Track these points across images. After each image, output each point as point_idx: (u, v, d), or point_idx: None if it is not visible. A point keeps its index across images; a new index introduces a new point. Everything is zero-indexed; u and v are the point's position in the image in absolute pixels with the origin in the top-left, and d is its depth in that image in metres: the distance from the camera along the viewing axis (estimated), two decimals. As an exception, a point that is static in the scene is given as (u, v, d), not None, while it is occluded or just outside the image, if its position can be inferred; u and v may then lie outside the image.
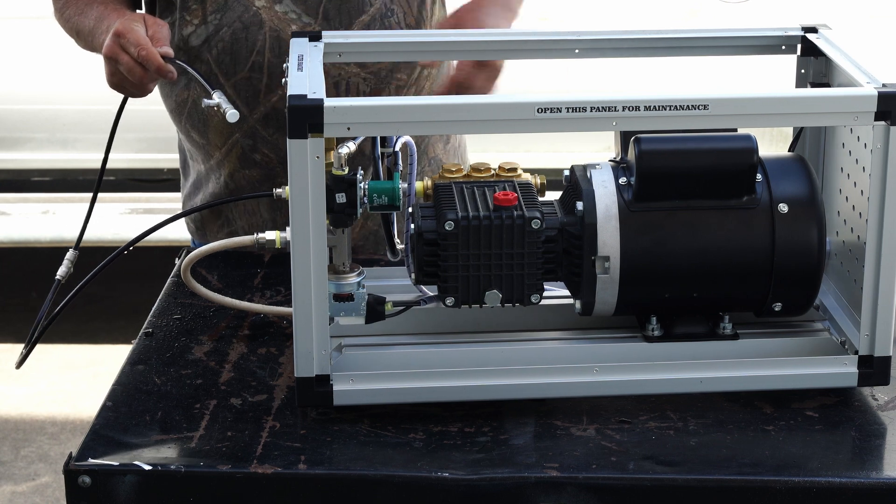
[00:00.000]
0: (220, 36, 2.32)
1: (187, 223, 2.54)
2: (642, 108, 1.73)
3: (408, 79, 2.36)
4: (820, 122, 1.92)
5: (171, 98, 2.42)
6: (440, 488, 1.68)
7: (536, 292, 1.82)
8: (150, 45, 2.11)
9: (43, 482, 3.94)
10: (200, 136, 2.41)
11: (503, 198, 1.79)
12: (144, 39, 2.11)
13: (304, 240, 1.73)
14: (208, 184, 2.45)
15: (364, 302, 1.84)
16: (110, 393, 1.88)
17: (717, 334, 1.89)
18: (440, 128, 1.87)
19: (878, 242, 1.79)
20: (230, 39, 2.32)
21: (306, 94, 1.72)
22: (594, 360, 1.84)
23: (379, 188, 1.84)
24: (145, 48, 2.10)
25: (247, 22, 2.31)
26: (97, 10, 2.30)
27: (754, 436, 1.78)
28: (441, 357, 1.88)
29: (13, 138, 4.67)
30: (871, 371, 1.84)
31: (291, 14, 2.31)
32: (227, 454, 1.73)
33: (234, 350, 2.00)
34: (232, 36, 2.32)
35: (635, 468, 1.70)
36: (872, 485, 1.68)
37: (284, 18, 2.31)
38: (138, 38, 2.11)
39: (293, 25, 2.30)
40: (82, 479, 1.69)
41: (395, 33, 2.15)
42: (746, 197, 1.82)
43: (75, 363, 4.60)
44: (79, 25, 2.33)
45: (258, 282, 2.23)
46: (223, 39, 2.32)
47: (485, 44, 2.09)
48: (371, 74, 2.33)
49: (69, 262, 2.12)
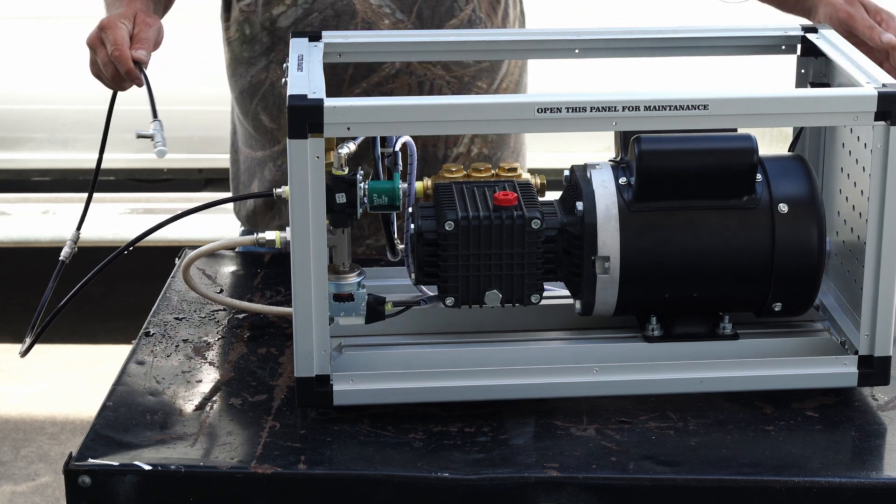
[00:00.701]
0: (309, 20, 2.29)
1: (237, 213, 2.51)
2: (642, 108, 1.73)
3: (487, 87, 2.36)
4: (820, 122, 1.92)
5: (246, 78, 2.39)
6: (440, 488, 1.68)
7: (536, 292, 1.82)
8: (125, 47, 2.06)
9: (43, 482, 3.94)
10: (272, 121, 2.38)
11: (503, 198, 1.79)
12: (123, 39, 2.07)
13: (304, 240, 1.73)
14: (264, 171, 2.42)
15: (364, 302, 1.84)
16: (110, 393, 1.88)
17: (717, 334, 1.89)
18: (440, 128, 1.87)
19: (878, 242, 1.79)
20: (319, 26, 2.29)
21: (306, 94, 1.72)
22: (594, 360, 1.84)
23: (379, 188, 1.84)
24: (119, 48, 2.06)
25: (339, 10, 2.28)
26: None
27: (754, 436, 1.78)
28: (441, 357, 1.88)
29: (13, 138, 4.67)
30: (871, 371, 1.84)
31: (386, 8, 2.28)
32: (226, 454, 1.73)
33: (234, 350, 2.00)
34: (322, 23, 2.29)
35: (635, 468, 1.70)
36: (872, 485, 1.68)
37: (378, 11, 2.28)
38: (117, 36, 2.07)
39: (386, 20, 2.28)
40: (82, 479, 1.69)
41: (396, 33, 2.14)
42: (746, 197, 1.82)
43: (75, 363, 4.60)
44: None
45: (258, 282, 2.23)
46: (312, 25, 2.29)
47: (485, 44, 2.09)
48: (455, 79, 2.32)
49: (72, 242, 2.09)
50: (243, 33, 2.37)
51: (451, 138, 2.36)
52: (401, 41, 2.08)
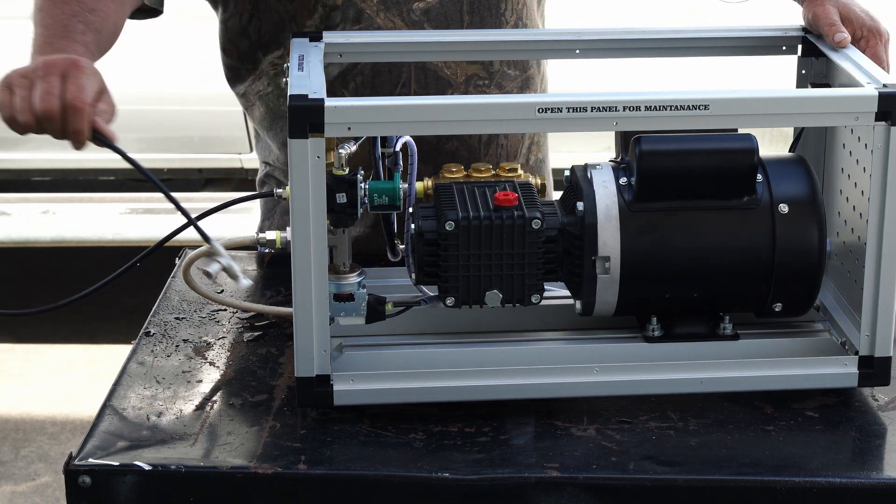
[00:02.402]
0: (358, 68, 2.21)
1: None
2: (642, 108, 1.73)
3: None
4: (820, 123, 1.92)
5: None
6: (440, 488, 1.68)
7: (536, 292, 1.82)
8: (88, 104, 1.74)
9: (43, 482, 3.94)
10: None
11: (503, 198, 1.79)
12: (90, 94, 1.75)
13: (305, 240, 1.73)
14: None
15: (364, 302, 1.84)
16: (110, 393, 1.88)
17: (717, 334, 1.89)
18: (440, 128, 1.87)
19: (878, 242, 1.79)
20: (370, 73, 2.21)
21: (307, 94, 1.72)
22: (594, 360, 1.84)
23: (379, 188, 1.84)
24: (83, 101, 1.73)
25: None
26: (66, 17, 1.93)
27: (754, 436, 1.78)
28: (441, 357, 1.89)
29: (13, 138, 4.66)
30: (872, 371, 1.84)
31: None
32: (226, 454, 1.73)
33: (234, 350, 2.00)
34: (373, 68, 2.21)
35: (635, 468, 1.70)
36: (872, 485, 1.68)
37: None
38: (86, 85, 1.75)
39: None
40: (82, 479, 1.69)
41: (396, 33, 2.14)
42: (747, 197, 1.82)
43: (75, 363, 4.60)
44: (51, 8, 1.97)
45: (258, 282, 2.23)
46: (362, 72, 2.21)
47: (485, 44, 2.09)
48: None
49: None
50: (278, 86, 2.27)
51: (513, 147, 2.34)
52: (401, 41, 2.07)
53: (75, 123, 1.73)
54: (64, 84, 1.74)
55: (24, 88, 1.77)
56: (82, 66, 1.77)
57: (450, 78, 2.24)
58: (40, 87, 1.75)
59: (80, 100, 1.74)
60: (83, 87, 1.74)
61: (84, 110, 1.73)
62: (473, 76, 2.26)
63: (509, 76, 2.29)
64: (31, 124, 1.76)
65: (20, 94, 1.77)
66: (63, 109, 1.74)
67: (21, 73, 1.79)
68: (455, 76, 2.25)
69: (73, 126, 1.73)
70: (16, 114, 1.77)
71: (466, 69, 2.25)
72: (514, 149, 2.35)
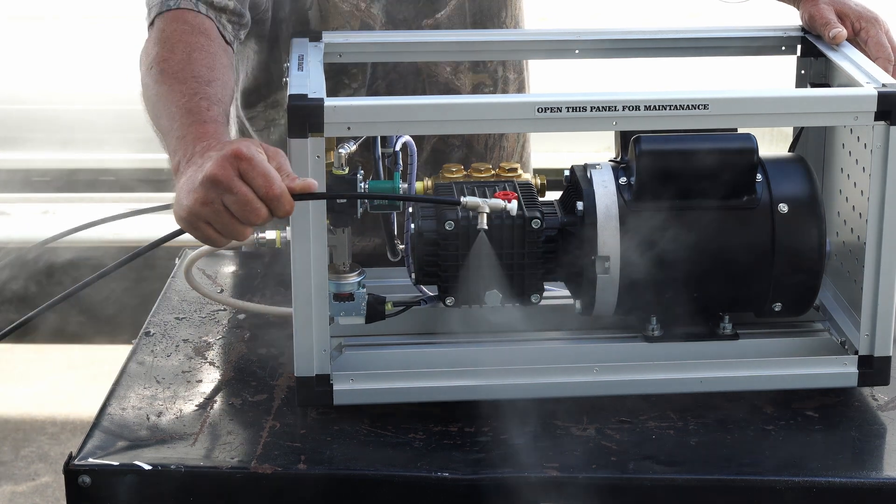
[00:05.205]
0: (374, 88, 2.20)
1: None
2: (642, 108, 1.73)
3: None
4: (820, 122, 1.92)
5: None
6: (440, 488, 1.68)
7: (536, 292, 1.82)
8: (280, 182, 1.60)
9: (43, 482, 3.93)
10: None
11: (503, 198, 1.79)
12: (274, 173, 1.60)
13: (304, 240, 1.73)
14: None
15: (364, 302, 1.84)
16: (110, 393, 1.88)
17: (717, 334, 1.89)
18: (440, 128, 1.87)
19: (878, 242, 1.79)
20: (385, 92, 2.20)
21: (307, 93, 1.72)
22: (594, 360, 1.84)
23: (379, 188, 1.84)
24: (276, 185, 1.59)
25: (402, 72, 2.21)
26: (186, 99, 1.80)
27: (754, 436, 1.78)
28: (441, 357, 1.88)
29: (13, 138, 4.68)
30: (871, 371, 1.84)
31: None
32: (226, 454, 1.73)
33: (234, 350, 2.00)
34: (387, 87, 2.21)
35: (635, 468, 1.70)
36: (872, 485, 1.68)
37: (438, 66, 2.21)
38: (266, 169, 1.60)
39: (448, 67, 2.21)
40: (82, 479, 1.69)
41: (396, 33, 2.14)
42: (746, 197, 1.82)
43: (75, 363, 4.60)
44: (168, 102, 1.84)
45: (258, 282, 2.23)
46: (377, 92, 2.20)
47: (485, 44, 2.09)
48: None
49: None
50: None
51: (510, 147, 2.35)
52: (401, 41, 2.08)
53: (284, 210, 1.61)
54: (249, 182, 1.60)
55: (216, 215, 1.61)
56: (243, 153, 1.60)
57: (459, 89, 2.25)
58: (231, 203, 1.60)
59: (273, 190, 1.60)
60: (265, 174, 1.60)
61: (283, 194, 1.60)
62: (479, 84, 2.27)
63: (510, 80, 2.30)
64: (249, 234, 1.65)
65: (219, 223, 1.62)
66: (269, 208, 1.61)
67: (194, 200, 1.61)
68: (464, 86, 2.26)
69: (282, 212, 1.61)
70: (232, 239, 1.65)
71: (473, 78, 2.26)
72: (512, 149, 2.35)
